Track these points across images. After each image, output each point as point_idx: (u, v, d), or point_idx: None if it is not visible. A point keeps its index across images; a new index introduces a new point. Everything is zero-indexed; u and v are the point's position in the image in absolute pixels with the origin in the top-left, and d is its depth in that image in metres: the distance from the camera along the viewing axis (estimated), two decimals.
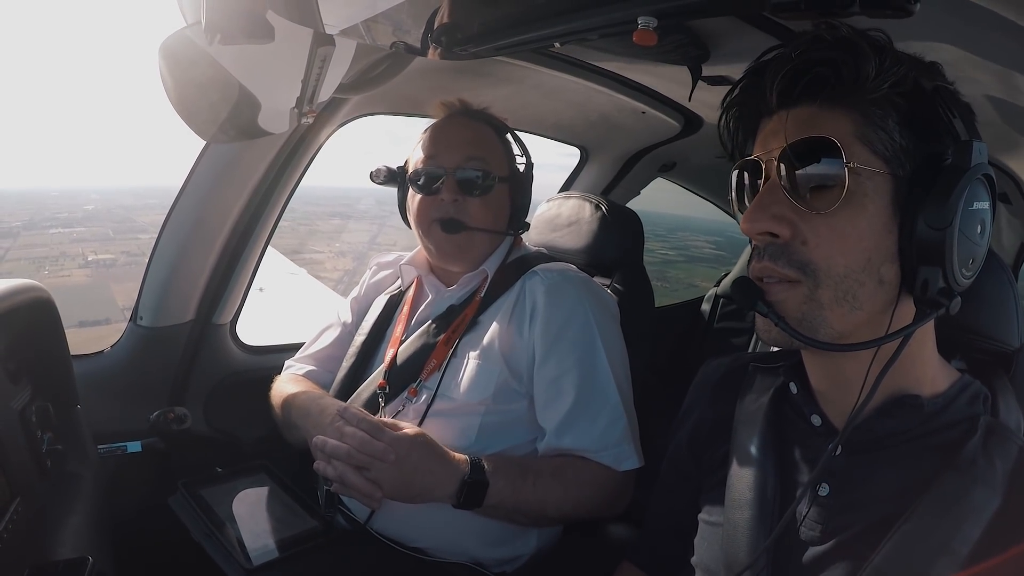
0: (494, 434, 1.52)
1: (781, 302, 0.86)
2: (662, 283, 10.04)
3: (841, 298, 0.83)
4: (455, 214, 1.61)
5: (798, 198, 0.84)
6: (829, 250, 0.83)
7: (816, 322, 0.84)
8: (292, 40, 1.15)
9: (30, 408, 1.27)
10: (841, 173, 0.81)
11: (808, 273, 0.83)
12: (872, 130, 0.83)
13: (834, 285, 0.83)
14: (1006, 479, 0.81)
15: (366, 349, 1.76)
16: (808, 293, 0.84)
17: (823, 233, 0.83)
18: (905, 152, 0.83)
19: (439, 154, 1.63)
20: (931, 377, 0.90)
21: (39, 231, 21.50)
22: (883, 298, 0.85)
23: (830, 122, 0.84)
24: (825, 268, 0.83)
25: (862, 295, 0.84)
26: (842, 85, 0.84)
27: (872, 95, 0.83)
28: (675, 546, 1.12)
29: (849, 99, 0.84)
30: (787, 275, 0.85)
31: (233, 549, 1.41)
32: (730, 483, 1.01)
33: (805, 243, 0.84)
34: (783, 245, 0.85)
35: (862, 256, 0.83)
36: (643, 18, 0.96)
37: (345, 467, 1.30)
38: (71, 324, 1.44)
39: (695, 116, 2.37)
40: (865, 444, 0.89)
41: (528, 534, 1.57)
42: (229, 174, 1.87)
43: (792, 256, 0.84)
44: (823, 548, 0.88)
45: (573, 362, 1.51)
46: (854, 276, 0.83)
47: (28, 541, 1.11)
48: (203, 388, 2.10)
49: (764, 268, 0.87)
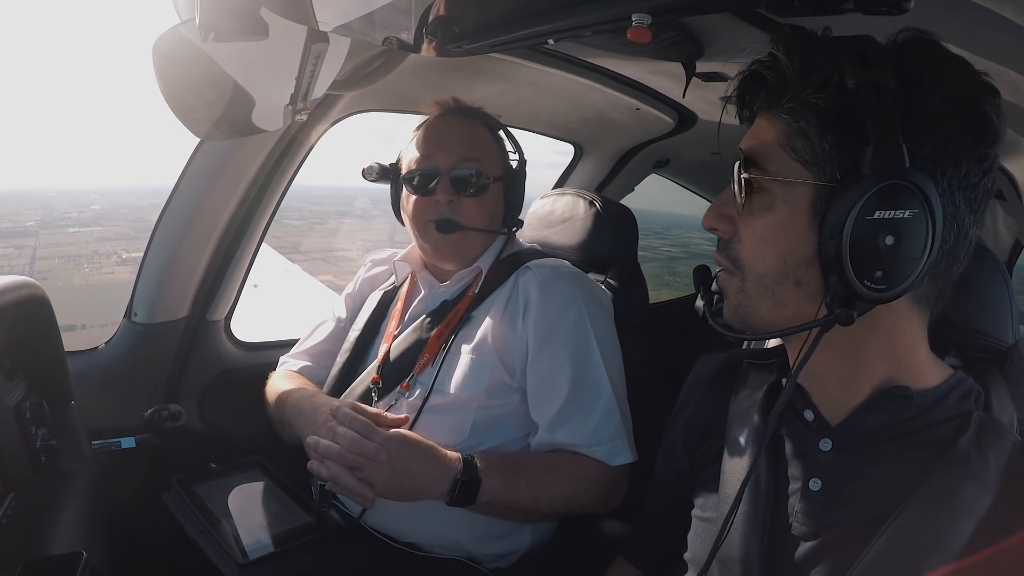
0: (487, 429, 1.53)
1: (724, 288, 0.95)
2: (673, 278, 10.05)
3: (763, 293, 0.89)
4: (450, 215, 1.60)
5: (738, 200, 0.89)
6: (752, 249, 0.90)
7: (747, 311, 0.92)
8: (286, 37, 1.14)
9: (24, 404, 1.28)
10: (760, 180, 0.87)
11: (738, 267, 0.92)
12: (796, 137, 0.85)
13: (756, 281, 0.90)
14: (999, 475, 0.81)
15: (360, 344, 1.76)
16: (739, 285, 0.92)
17: (750, 234, 0.90)
18: (829, 157, 0.82)
19: (433, 154, 1.63)
20: (922, 371, 0.90)
21: (56, 230, 21.45)
22: (805, 298, 0.86)
23: (763, 131, 0.89)
24: (749, 265, 0.90)
25: (781, 293, 0.88)
26: (771, 94, 0.88)
27: (791, 103, 0.85)
28: (669, 542, 1.13)
29: (776, 107, 0.87)
30: (727, 266, 0.93)
31: (228, 544, 1.41)
32: (723, 479, 1.01)
33: (740, 241, 0.91)
34: (726, 241, 0.93)
35: (778, 258, 0.87)
36: (637, 15, 0.96)
37: (338, 467, 1.31)
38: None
39: (689, 112, 2.38)
40: (856, 439, 0.90)
41: (523, 530, 1.57)
42: (223, 171, 1.87)
43: (729, 251, 0.93)
44: (815, 543, 0.88)
45: (566, 357, 1.51)
46: (771, 275, 0.88)
47: (22, 536, 1.11)
48: (197, 384, 2.10)
49: (717, 258, 0.96)
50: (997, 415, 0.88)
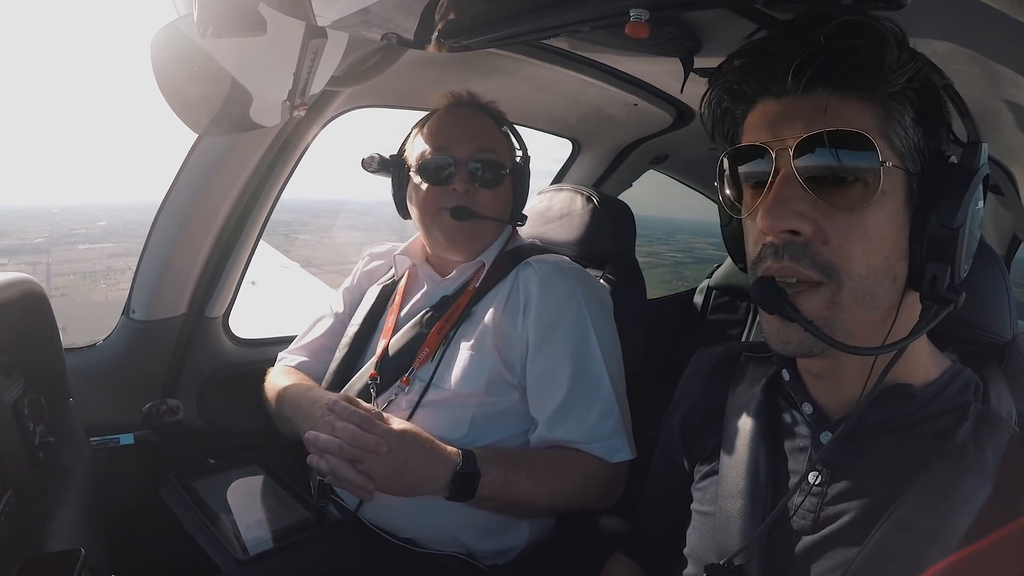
0: (486, 425, 1.53)
1: (802, 305, 0.82)
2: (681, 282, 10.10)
3: (860, 299, 0.81)
4: (466, 203, 1.61)
5: (822, 193, 0.80)
6: (852, 250, 0.80)
7: (834, 325, 0.82)
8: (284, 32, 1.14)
9: (23, 401, 1.27)
10: (875, 170, 0.79)
11: (831, 275, 0.80)
12: (891, 125, 0.81)
13: (855, 286, 0.81)
14: (996, 467, 0.82)
15: (359, 339, 1.76)
16: (831, 296, 0.81)
17: (847, 232, 0.80)
18: (917, 149, 0.83)
19: (450, 144, 1.62)
20: (923, 367, 0.90)
21: (67, 247, 21.47)
22: (895, 295, 0.84)
23: (853, 114, 0.81)
24: (848, 270, 0.80)
25: (879, 294, 0.82)
26: (863, 75, 0.80)
27: (891, 88, 0.81)
28: (667, 537, 1.13)
29: (870, 91, 0.81)
30: (809, 276, 0.81)
31: (226, 540, 1.42)
32: (722, 472, 1.01)
33: (826, 243, 0.81)
34: (804, 244, 0.81)
35: (882, 255, 0.81)
36: (635, 10, 0.95)
37: (338, 461, 1.31)
38: None
39: (687, 108, 2.37)
40: (856, 432, 0.89)
41: (521, 526, 1.58)
42: (221, 167, 1.86)
43: (815, 257, 0.81)
44: (815, 537, 0.88)
45: (566, 354, 1.51)
46: (874, 276, 0.81)
47: (21, 533, 1.11)
48: (196, 381, 2.11)
49: (785, 268, 0.82)
50: (995, 407, 0.88)
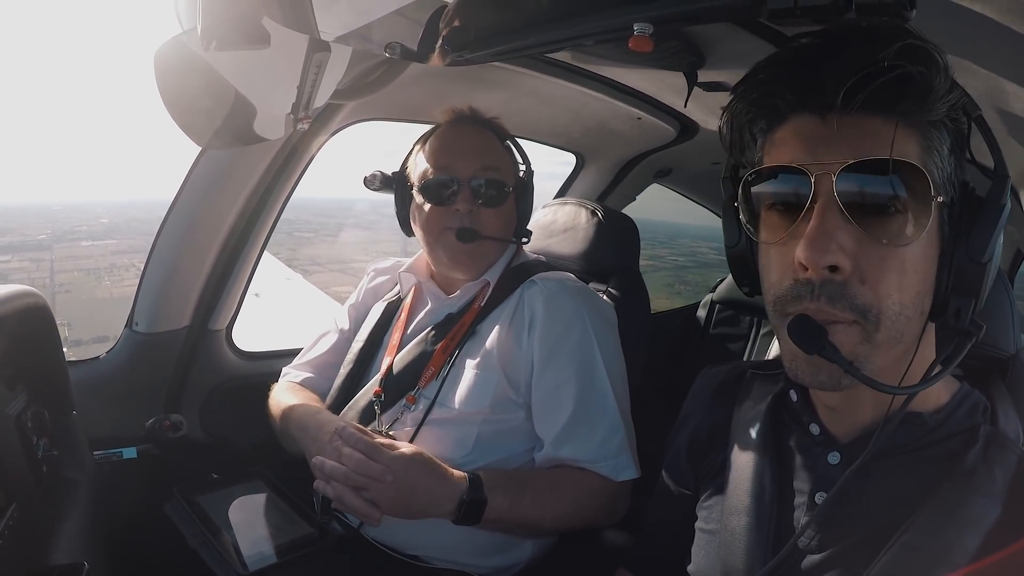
0: (491, 444, 1.52)
1: (837, 343, 0.78)
2: (683, 286, 10.05)
3: (893, 337, 0.79)
4: (470, 224, 1.59)
5: (864, 225, 0.76)
6: (888, 287, 0.77)
7: (865, 362, 0.79)
8: (287, 46, 1.15)
9: (26, 414, 1.27)
10: (926, 203, 0.76)
11: (869, 317, 0.77)
12: (931, 154, 0.78)
13: (890, 325, 0.78)
14: (1006, 489, 0.81)
15: (363, 356, 1.75)
16: (866, 335, 0.78)
17: (885, 268, 0.77)
18: (950, 180, 0.80)
19: (453, 163, 1.60)
20: (936, 392, 0.89)
21: (70, 244, 21.54)
22: (919, 329, 0.82)
23: (899, 141, 0.75)
24: (883, 308, 0.77)
25: (908, 330, 0.80)
26: (911, 100, 0.76)
27: (933, 117, 0.78)
28: (671, 554, 1.12)
29: (913, 116, 0.77)
30: (845, 318, 0.77)
31: (229, 555, 1.41)
32: (727, 490, 1.00)
33: (863, 281, 0.77)
34: (842, 284, 0.77)
35: (915, 290, 0.79)
36: (639, 24, 0.95)
37: (343, 488, 1.30)
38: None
39: (691, 122, 2.38)
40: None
41: (523, 542, 1.57)
42: (225, 179, 1.87)
43: (853, 300, 0.77)
44: (820, 557, 0.87)
45: (572, 372, 1.50)
46: (906, 313, 0.78)
47: (24, 547, 1.11)
48: (199, 394, 2.10)
49: (822, 312, 0.78)
50: (1003, 428, 0.87)
